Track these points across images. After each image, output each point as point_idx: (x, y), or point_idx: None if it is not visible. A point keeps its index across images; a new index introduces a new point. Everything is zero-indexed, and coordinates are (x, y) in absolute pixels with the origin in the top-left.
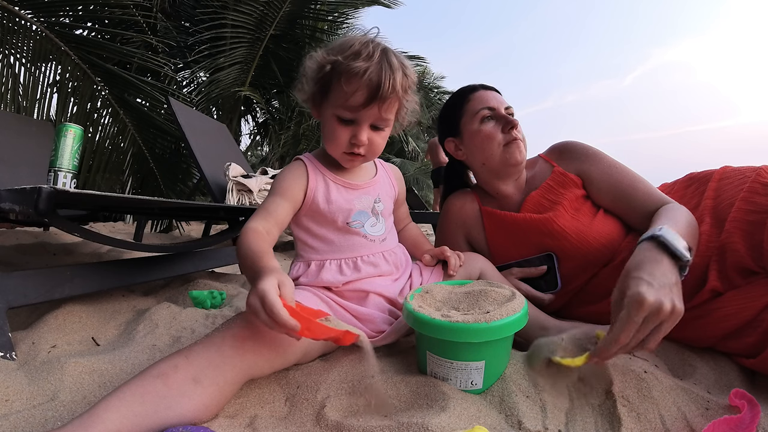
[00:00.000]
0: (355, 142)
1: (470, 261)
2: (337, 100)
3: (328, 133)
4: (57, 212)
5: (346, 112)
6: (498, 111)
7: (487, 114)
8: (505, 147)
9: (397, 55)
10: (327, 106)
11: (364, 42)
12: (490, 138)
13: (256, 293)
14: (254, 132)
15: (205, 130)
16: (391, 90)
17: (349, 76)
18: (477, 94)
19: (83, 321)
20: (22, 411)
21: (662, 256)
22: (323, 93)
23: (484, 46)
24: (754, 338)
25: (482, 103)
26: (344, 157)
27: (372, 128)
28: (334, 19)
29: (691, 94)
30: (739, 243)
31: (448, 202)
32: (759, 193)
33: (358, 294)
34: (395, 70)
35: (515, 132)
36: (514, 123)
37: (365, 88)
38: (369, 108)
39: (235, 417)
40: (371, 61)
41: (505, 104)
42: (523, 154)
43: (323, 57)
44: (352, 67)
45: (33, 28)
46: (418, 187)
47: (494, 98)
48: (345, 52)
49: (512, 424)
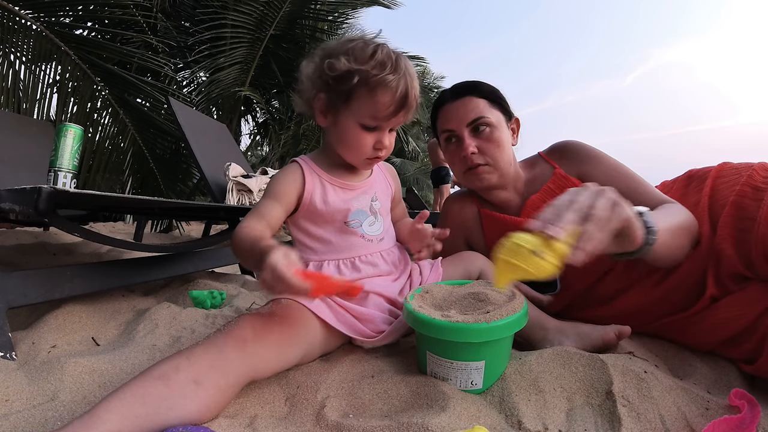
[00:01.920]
0: (379, 147)
1: (470, 261)
2: (364, 109)
3: (351, 140)
4: (57, 212)
5: (373, 121)
6: (457, 132)
7: (446, 136)
8: (464, 174)
9: (405, 58)
10: (348, 114)
11: (384, 50)
12: (452, 163)
13: (267, 268)
14: (254, 132)
15: (205, 130)
16: (414, 98)
17: (383, 88)
18: (443, 111)
19: (83, 321)
20: (22, 411)
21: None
22: (345, 101)
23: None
24: (751, 344)
25: (444, 123)
26: (366, 162)
27: (389, 131)
28: (334, 19)
29: (691, 94)
30: (729, 249)
31: (447, 203)
32: (748, 197)
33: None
34: (414, 79)
35: (470, 159)
36: (466, 150)
37: (398, 100)
38: (396, 117)
39: (235, 417)
40: (399, 73)
41: (471, 118)
42: (488, 180)
43: (346, 65)
44: (385, 80)
45: (33, 27)
46: (418, 187)
47: (456, 114)
48: (369, 62)
49: (512, 424)
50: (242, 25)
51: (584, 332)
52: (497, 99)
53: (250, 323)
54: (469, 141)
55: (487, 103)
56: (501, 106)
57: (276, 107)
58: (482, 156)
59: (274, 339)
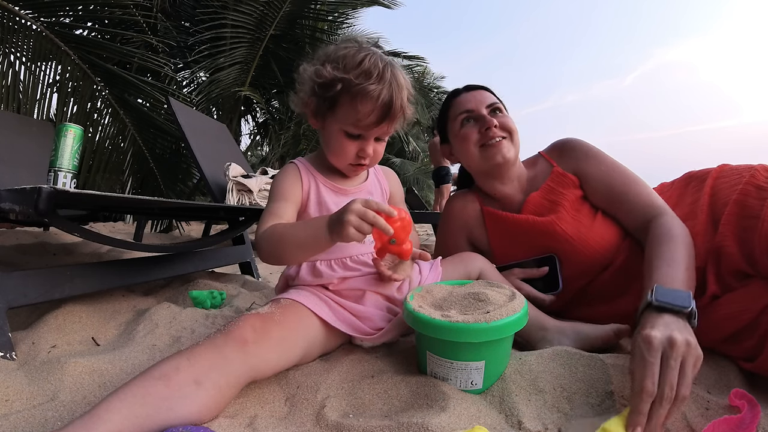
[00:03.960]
0: (362, 155)
1: (470, 261)
2: (347, 117)
3: (335, 147)
4: (57, 212)
5: (356, 129)
6: (476, 112)
7: (464, 117)
8: (482, 148)
9: (399, 68)
10: (333, 121)
11: (372, 59)
12: (465, 139)
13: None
14: (254, 132)
15: (205, 130)
16: (399, 108)
17: (363, 97)
18: (459, 99)
19: (83, 321)
20: (22, 411)
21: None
22: (330, 107)
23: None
24: (752, 342)
25: (461, 107)
26: (349, 167)
27: (375, 140)
28: (334, 19)
29: (693, 93)
30: (732, 246)
31: (449, 203)
32: (752, 196)
33: (355, 292)
34: (402, 89)
35: (493, 131)
36: (489, 123)
37: (379, 109)
38: (379, 126)
39: (235, 417)
40: (383, 83)
41: (488, 102)
42: (507, 154)
43: (331, 73)
44: (366, 89)
45: (33, 27)
46: (418, 187)
47: (474, 99)
48: (354, 70)
49: (512, 424)
50: (242, 25)
51: (584, 332)
52: (502, 102)
53: (249, 323)
54: (491, 117)
55: (497, 99)
56: (505, 107)
57: (276, 107)
58: (502, 130)
59: (274, 339)
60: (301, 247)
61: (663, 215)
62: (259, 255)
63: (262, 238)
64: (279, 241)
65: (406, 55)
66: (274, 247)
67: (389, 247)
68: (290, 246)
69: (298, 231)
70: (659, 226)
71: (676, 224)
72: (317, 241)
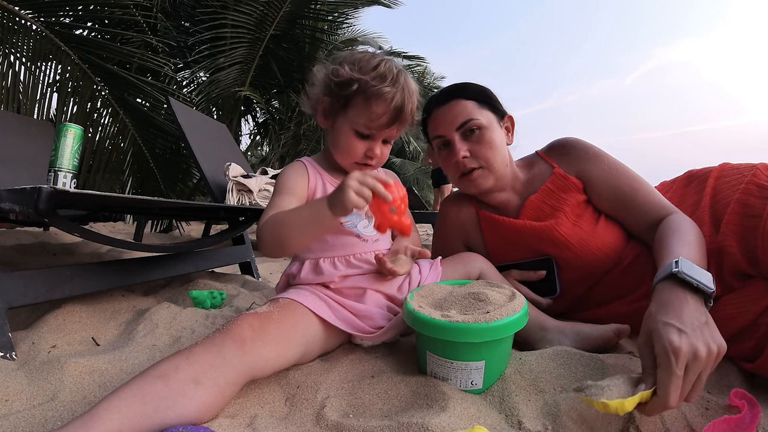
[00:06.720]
0: (370, 155)
1: (470, 261)
2: (358, 117)
3: (344, 145)
4: (57, 212)
5: (366, 129)
6: (447, 137)
7: (438, 143)
8: (459, 180)
9: (410, 76)
10: (345, 120)
11: (387, 64)
12: (446, 168)
13: (352, 178)
14: (254, 132)
15: (205, 130)
16: (410, 113)
17: (377, 99)
18: (433, 117)
19: (83, 321)
20: (22, 411)
21: (686, 293)
22: (343, 106)
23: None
24: (753, 342)
25: (434, 130)
26: (355, 166)
27: (382, 142)
28: (334, 19)
29: (694, 92)
30: (733, 246)
31: (444, 206)
32: (754, 195)
33: (355, 291)
34: (413, 95)
35: (463, 163)
36: (457, 155)
37: (391, 112)
38: (389, 128)
39: (235, 417)
40: (397, 87)
41: (460, 121)
42: (482, 185)
43: (348, 73)
44: (381, 91)
45: (33, 27)
46: (418, 187)
47: (444, 120)
48: (371, 73)
49: (512, 424)
50: (242, 25)
51: (584, 332)
52: (486, 99)
53: (248, 322)
54: (460, 145)
55: (475, 105)
56: (491, 105)
57: (276, 107)
58: (475, 159)
59: (272, 337)
60: (302, 229)
61: (673, 213)
62: (260, 247)
63: (263, 227)
64: (281, 227)
65: (406, 54)
66: (275, 233)
67: (390, 217)
68: (292, 229)
69: (299, 213)
70: (671, 220)
71: (686, 219)
72: (319, 219)
